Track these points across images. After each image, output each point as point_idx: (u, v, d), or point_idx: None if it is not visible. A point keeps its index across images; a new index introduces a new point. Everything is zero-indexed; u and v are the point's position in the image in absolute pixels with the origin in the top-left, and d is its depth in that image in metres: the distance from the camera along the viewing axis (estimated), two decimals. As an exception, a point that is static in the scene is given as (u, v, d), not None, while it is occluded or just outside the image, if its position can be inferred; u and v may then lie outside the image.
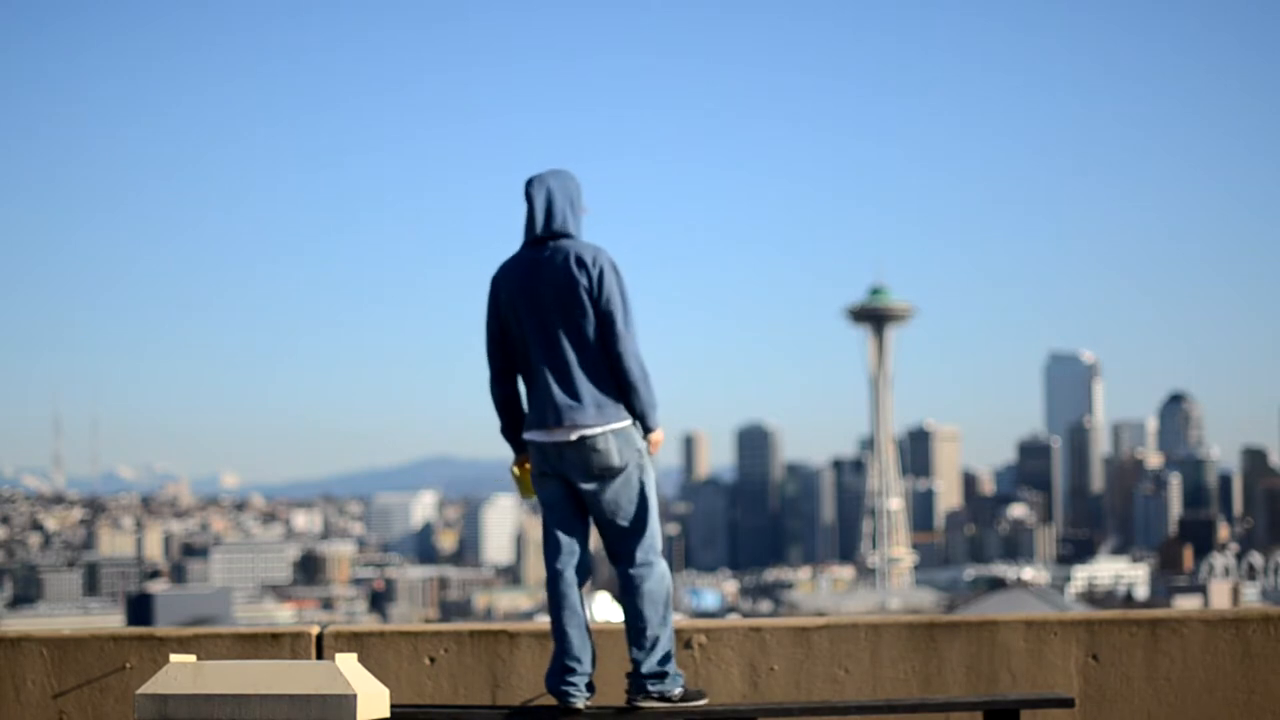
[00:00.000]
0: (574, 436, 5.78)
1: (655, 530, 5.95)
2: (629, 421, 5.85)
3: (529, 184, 5.91)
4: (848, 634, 6.37)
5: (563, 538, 5.91)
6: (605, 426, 5.79)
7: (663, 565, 5.93)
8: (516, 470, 6.03)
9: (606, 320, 5.80)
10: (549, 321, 5.81)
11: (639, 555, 5.91)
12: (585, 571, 5.92)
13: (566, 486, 5.89)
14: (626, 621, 5.89)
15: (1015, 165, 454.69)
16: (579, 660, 5.83)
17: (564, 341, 5.80)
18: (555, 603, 5.88)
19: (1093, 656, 6.34)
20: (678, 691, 5.85)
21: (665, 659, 5.85)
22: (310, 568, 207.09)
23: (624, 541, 5.91)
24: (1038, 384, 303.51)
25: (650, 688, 5.82)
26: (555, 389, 5.79)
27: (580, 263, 5.79)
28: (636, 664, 5.84)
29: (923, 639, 6.37)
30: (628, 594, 5.89)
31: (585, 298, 5.78)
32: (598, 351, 5.82)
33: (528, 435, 5.89)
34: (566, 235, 5.88)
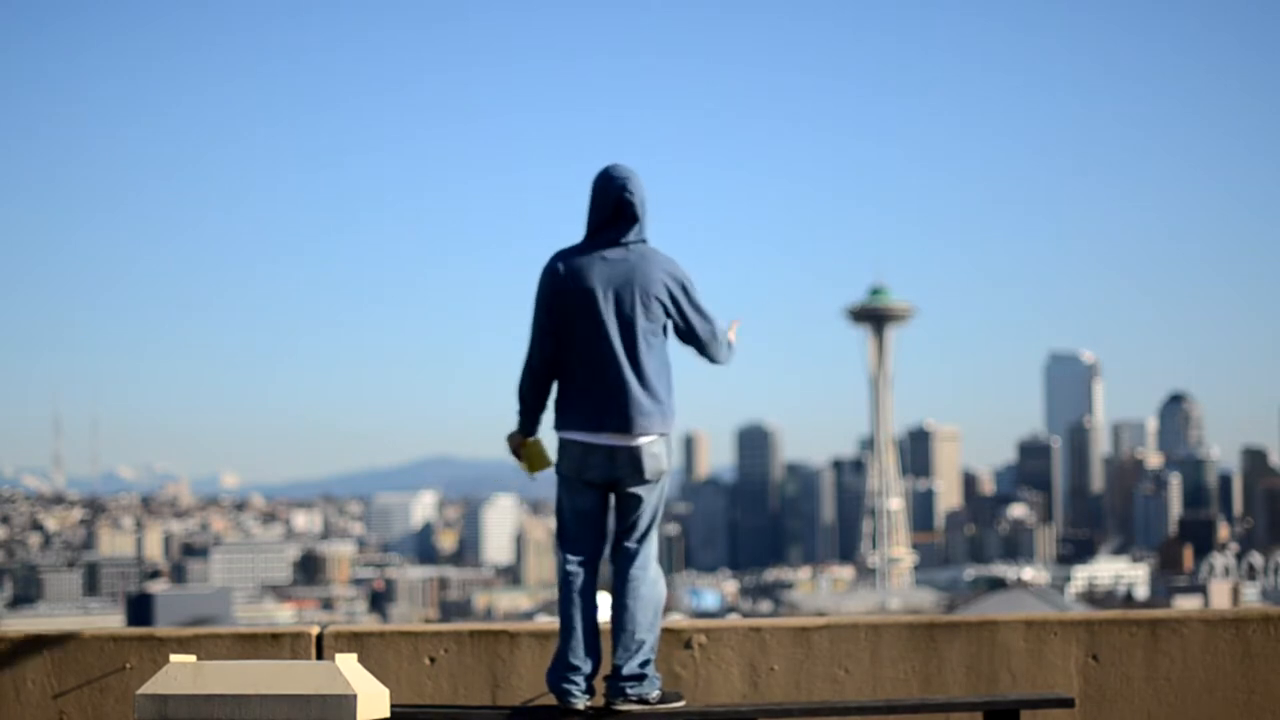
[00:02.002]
0: (634, 442, 5.83)
1: (657, 536, 6.02)
2: (673, 429, 5.95)
3: (626, 187, 5.88)
4: (848, 634, 6.37)
5: (588, 543, 5.94)
6: (662, 432, 5.88)
7: (659, 570, 5.98)
8: (526, 445, 5.99)
9: (704, 329, 5.95)
10: (631, 327, 5.83)
11: (641, 558, 5.94)
12: (598, 576, 5.96)
13: (602, 493, 5.92)
14: (614, 621, 5.90)
15: (1015, 165, 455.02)
16: (583, 660, 5.84)
17: (642, 348, 5.84)
18: (568, 602, 5.89)
19: (1093, 656, 6.35)
20: (655, 694, 5.87)
21: (646, 662, 5.87)
22: (310, 568, 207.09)
23: (636, 543, 5.95)
24: (1038, 384, 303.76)
25: (629, 690, 5.84)
26: (629, 394, 5.82)
27: (672, 275, 5.88)
28: (617, 666, 5.85)
29: (923, 639, 6.38)
30: (622, 594, 5.91)
31: (671, 308, 5.87)
32: (663, 361, 5.90)
33: (573, 434, 5.87)
34: (644, 241, 5.94)
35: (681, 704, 5.93)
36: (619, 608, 5.89)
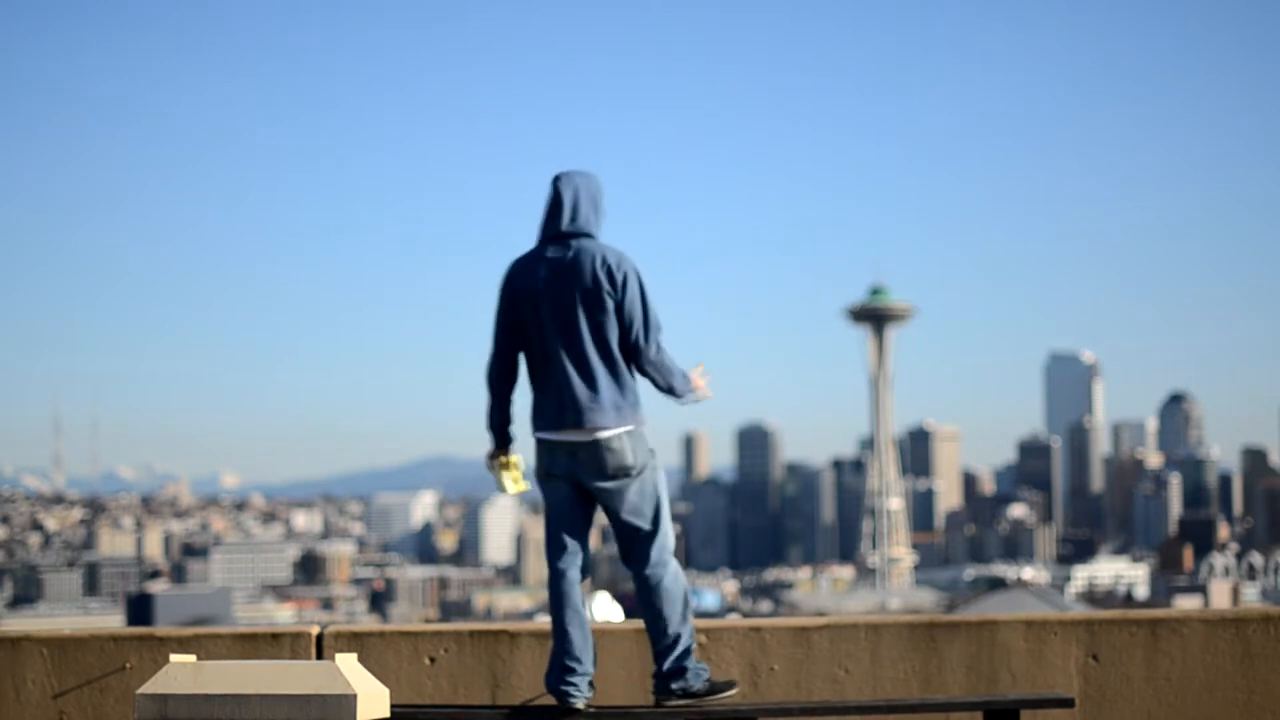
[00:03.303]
0: (591, 438, 5.81)
1: (669, 530, 5.99)
2: (642, 423, 5.91)
3: (558, 179, 5.93)
4: (848, 634, 6.37)
5: (567, 538, 5.93)
6: (621, 428, 5.84)
7: (675, 564, 5.98)
8: (502, 461, 6.02)
9: (628, 328, 5.85)
10: (571, 321, 5.82)
11: (654, 555, 5.93)
12: (586, 571, 5.96)
13: (574, 487, 5.91)
14: (647, 622, 5.91)
15: (1015, 165, 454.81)
16: (579, 660, 5.84)
17: (586, 342, 5.82)
18: (557, 602, 5.89)
19: (1093, 656, 6.35)
20: (699, 686, 5.87)
21: (685, 654, 5.87)
22: (310, 568, 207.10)
23: (640, 542, 5.93)
24: (1038, 384, 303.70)
25: (673, 685, 5.84)
26: (576, 389, 5.81)
27: (605, 265, 5.83)
28: (660, 663, 5.85)
29: (923, 639, 6.38)
30: (646, 594, 5.90)
31: (609, 301, 5.82)
32: (617, 354, 5.86)
33: (540, 434, 5.89)
34: (588, 235, 5.92)
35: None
36: (649, 611, 5.88)
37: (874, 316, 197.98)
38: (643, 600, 5.91)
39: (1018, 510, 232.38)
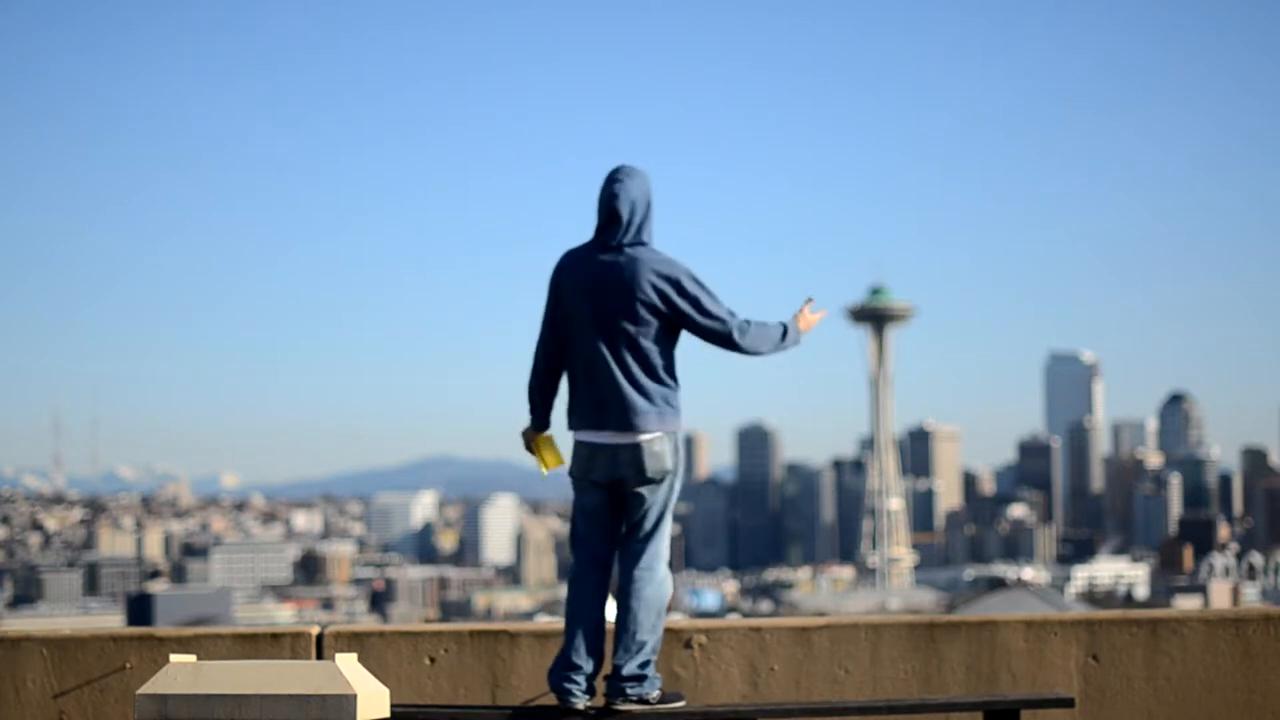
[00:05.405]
0: (634, 440, 5.85)
1: (668, 536, 6.03)
2: (678, 428, 5.95)
3: (614, 192, 5.90)
4: (848, 634, 6.38)
5: (596, 543, 5.97)
6: (663, 431, 5.88)
7: (666, 572, 5.99)
8: (539, 441, 6.05)
9: (706, 328, 5.91)
10: (613, 326, 5.86)
11: (646, 559, 5.96)
12: (609, 577, 5.98)
13: (609, 492, 5.93)
14: (617, 621, 5.93)
15: (1015, 165, 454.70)
16: (585, 660, 5.85)
17: (631, 347, 5.86)
18: (575, 601, 5.91)
19: (1093, 656, 6.35)
20: (655, 694, 5.88)
21: (646, 663, 5.89)
22: (310, 568, 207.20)
23: (640, 543, 5.96)
24: (1038, 384, 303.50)
25: (629, 690, 5.85)
26: (623, 392, 5.84)
27: (656, 274, 5.87)
28: (617, 666, 5.87)
29: (923, 639, 6.38)
30: (625, 594, 5.93)
31: (657, 310, 5.85)
32: (659, 360, 5.90)
33: (580, 435, 5.92)
34: (642, 243, 5.94)
35: (682, 704, 5.94)
36: (622, 608, 5.91)
37: (874, 316, 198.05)
38: (621, 598, 5.94)
39: (1018, 510, 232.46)
